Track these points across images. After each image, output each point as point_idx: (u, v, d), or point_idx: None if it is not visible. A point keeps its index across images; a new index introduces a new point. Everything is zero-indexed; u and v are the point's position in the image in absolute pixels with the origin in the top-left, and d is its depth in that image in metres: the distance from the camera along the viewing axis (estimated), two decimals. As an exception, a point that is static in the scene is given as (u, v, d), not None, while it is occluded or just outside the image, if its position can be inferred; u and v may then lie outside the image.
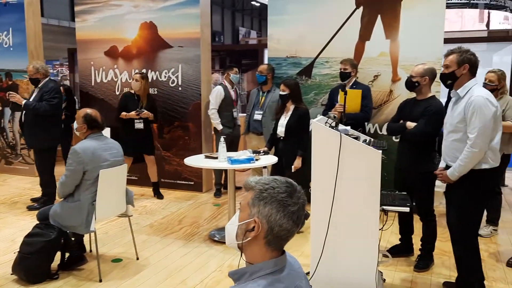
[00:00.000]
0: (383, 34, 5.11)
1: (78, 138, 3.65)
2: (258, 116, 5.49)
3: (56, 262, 3.60)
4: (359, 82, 4.93)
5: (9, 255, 3.91)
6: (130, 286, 3.46)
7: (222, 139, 4.25)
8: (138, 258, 3.94)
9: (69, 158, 3.40)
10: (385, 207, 3.03)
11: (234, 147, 5.72)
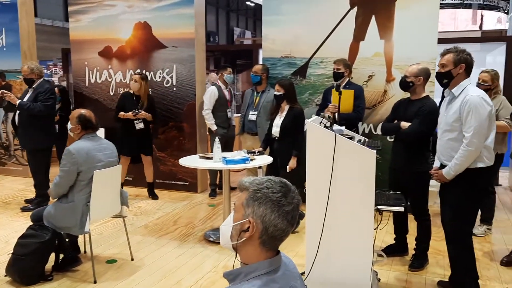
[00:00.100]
0: (377, 34, 5.13)
1: (73, 138, 3.63)
2: (252, 116, 5.49)
3: (50, 263, 3.58)
4: (352, 82, 4.95)
5: (3, 257, 3.88)
6: (125, 287, 3.45)
7: (217, 139, 4.24)
8: (133, 259, 3.92)
9: (63, 159, 3.39)
10: (379, 207, 3.04)
11: (228, 148, 5.72)
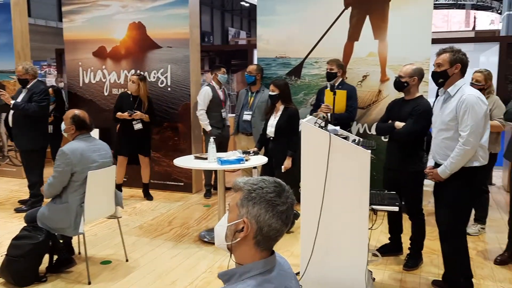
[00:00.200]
0: (372, 35, 5.14)
1: (68, 139, 3.62)
2: (247, 116, 5.49)
3: (44, 264, 3.56)
4: (345, 82, 4.96)
5: (-4, 258, 3.86)
6: (119, 288, 3.44)
7: (211, 140, 4.24)
8: (127, 260, 3.91)
9: (57, 159, 3.37)
10: (374, 207, 3.04)
11: (223, 148, 5.71)
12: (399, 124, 3.61)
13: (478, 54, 7.92)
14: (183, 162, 4.26)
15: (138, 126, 5.56)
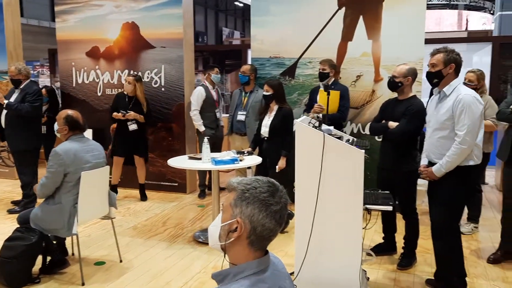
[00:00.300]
0: (365, 35, 5.15)
1: (61, 140, 3.60)
2: (241, 116, 5.49)
3: (37, 266, 3.55)
4: (338, 82, 4.97)
5: (-12, 260, 3.83)
6: (113, 289, 3.43)
7: (205, 140, 4.23)
8: (121, 261, 3.90)
9: (50, 160, 3.35)
10: (368, 206, 3.05)
11: (217, 148, 5.70)
12: (393, 124, 3.63)
13: (471, 54, 7.97)
14: (177, 162, 4.25)
15: (133, 127, 5.55)
